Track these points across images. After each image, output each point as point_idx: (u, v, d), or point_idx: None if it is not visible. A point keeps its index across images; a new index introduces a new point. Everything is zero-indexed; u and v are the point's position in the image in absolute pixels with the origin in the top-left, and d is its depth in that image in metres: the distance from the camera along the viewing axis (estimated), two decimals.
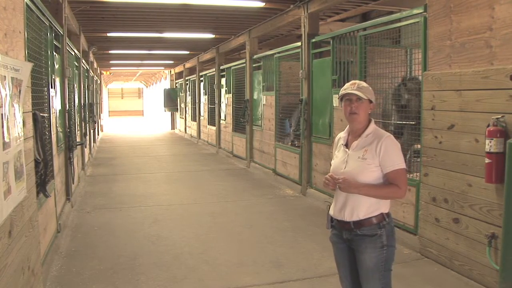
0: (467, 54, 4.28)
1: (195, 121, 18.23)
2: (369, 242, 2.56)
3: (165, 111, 24.44)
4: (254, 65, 10.90)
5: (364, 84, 2.71)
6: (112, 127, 27.82)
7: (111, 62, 19.94)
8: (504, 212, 3.54)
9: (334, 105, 6.98)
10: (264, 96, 10.06)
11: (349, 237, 2.65)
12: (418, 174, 5.18)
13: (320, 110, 7.58)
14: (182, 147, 16.18)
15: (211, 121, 15.50)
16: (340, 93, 2.74)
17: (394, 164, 2.57)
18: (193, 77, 18.79)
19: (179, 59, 19.45)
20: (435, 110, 4.69)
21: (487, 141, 3.85)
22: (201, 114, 17.25)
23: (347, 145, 2.74)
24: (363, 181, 2.57)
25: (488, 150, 3.85)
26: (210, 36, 12.19)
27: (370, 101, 2.70)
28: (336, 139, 2.86)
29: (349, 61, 6.73)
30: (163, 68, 24.67)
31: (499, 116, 3.85)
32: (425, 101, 4.83)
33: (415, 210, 5.15)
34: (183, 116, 21.37)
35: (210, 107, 15.61)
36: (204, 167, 11.22)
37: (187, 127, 20.62)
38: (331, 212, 2.75)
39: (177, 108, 23.20)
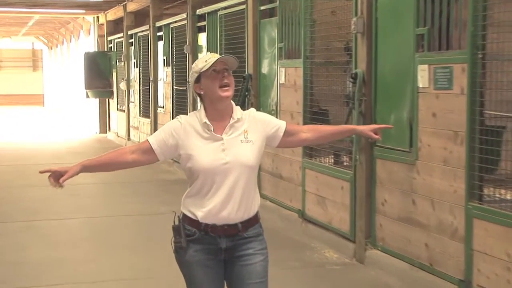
0: None
1: (149, 116, 18.20)
2: (258, 245, 3.96)
3: (87, 96, 24.32)
4: (261, 8, 10.91)
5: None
6: None
7: None
8: None
9: (420, 85, 6.89)
10: (283, 69, 10.03)
11: (229, 245, 3.90)
12: None
13: (392, 94, 7.54)
14: None
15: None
16: (200, 68, 3.94)
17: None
18: (143, 29, 18.79)
19: None
20: None
21: None
22: (160, 103, 17.25)
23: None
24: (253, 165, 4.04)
25: None
26: None
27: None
28: (181, 127, 3.99)
29: None
30: (83, 11, 24.53)
31: None
32: None
33: None
34: (124, 107, 21.42)
35: (178, 90, 15.62)
36: (165, 206, 11.00)
37: (132, 128, 20.61)
38: (203, 219, 3.86)
39: (112, 92, 23.26)
